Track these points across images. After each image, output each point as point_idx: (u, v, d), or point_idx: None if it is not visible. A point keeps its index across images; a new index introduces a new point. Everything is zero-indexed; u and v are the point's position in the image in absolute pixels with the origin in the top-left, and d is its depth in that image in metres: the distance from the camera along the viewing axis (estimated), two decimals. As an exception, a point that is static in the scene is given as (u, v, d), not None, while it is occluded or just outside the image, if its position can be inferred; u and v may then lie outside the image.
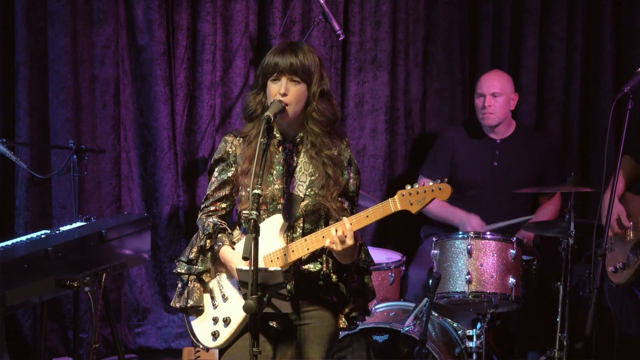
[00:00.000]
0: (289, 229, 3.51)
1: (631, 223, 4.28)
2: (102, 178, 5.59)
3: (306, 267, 3.52)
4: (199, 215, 3.64)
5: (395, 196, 3.38)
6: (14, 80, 5.39)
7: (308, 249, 3.44)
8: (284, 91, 3.44)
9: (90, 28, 5.49)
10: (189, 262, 3.58)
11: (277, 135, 3.53)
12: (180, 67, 5.68)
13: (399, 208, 3.37)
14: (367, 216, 3.39)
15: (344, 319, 3.60)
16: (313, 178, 3.51)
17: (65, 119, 5.45)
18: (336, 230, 3.37)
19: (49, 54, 5.42)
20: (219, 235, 3.55)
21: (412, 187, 3.37)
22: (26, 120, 5.41)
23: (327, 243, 3.38)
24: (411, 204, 3.36)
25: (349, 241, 3.36)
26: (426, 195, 3.35)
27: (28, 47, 5.37)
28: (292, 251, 3.45)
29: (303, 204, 3.50)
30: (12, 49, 5.38)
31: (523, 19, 6.12)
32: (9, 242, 4.09)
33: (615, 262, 4.27)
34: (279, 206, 3.51)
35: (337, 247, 3.37)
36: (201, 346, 3.62)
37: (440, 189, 3.35)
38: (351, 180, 3.57)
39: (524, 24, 6.12)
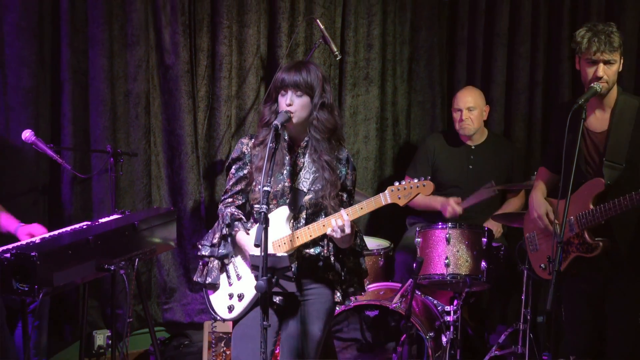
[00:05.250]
0: (294, 218, 3.55)
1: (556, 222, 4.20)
2: (135, 177, 5.59)
3: (308, 251, 3.57)
4: (220, 206, 3.71)
5: (386, 191, 3.46)
6: (59, 95, 5.40)
7: (310, 236, 3.51)
8: (289, 102, 3.50)
9: (125, 50, 5.49)
10: (212, 245, 3.64)
11: (286, 138, 3.60)
12: (201, 83, 5.68)
13: (389, 201, 3.47)
14: (362, 208, 3.47)
15: (340, 294, 3.65)
16: (315, 176, 3.56)
17: (103, 127, 5.45)
18: (336, 221, 3.45)
19: (89, 72, 5.42)
20: (235, 222, 3.61)
21: (400, 184, 3.46)
22: (70, 128, 5.41)
23: (328, 232, 3.46)
24: (399, 198, 3.45)
25: (347, 230, 3.45)
26: (412, 190, 3.45)
27: (71, 66, 5.37)
28: (297, 237, 3.51)
29: (307, 197, 3.55)
30: (58, 68, 5.39)
31: (493, 42, 6.13)
32: (56, 232, 4.11)
33: (542, 260, 4.23)
34: (288, 200, 3.55)
35: (337, 234, 3.46)
36: (218, 318, 3.64)
37: (424, 185, 3.46)
38: (348, 176, 3.64)
39: (494, 45, 6.13)
